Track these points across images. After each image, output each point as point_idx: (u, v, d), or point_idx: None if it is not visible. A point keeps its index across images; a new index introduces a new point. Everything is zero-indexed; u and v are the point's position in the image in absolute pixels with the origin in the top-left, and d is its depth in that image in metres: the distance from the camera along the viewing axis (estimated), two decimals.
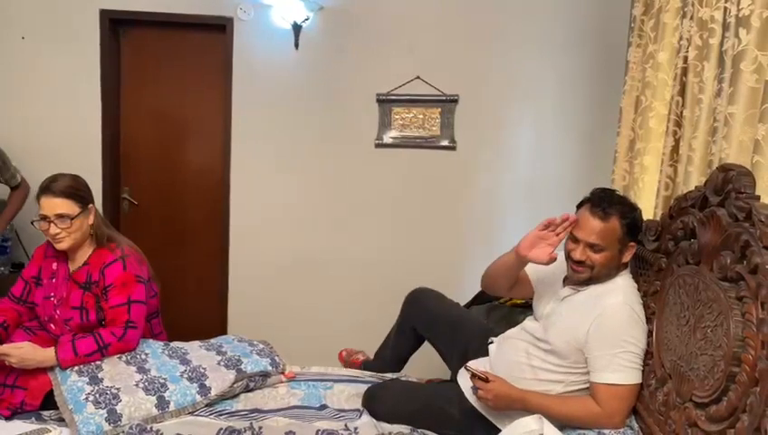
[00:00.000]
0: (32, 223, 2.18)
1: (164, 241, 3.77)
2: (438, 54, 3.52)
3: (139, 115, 3.74)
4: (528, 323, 2.12)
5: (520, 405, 1.87)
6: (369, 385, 2.26)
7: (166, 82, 3.71)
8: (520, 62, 3.52)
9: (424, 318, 2.44)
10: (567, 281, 2.01)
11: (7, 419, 1.96)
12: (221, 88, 3.60)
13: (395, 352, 2.53)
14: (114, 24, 3.60)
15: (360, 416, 2.11)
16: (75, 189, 2.16)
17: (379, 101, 3.54)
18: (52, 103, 3.59)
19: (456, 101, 3.52)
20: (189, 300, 3.81)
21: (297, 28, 3.47)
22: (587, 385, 1.88)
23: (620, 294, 1.88)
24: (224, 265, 3.73)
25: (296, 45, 3.51)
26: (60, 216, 2.11)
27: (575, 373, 1.90)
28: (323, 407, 2.17)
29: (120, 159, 3.75)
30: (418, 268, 3.63)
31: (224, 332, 3.66)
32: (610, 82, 3.26)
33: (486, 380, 1.88)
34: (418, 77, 3.51)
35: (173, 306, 3.35)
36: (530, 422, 1.74)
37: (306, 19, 3.45)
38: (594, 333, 1.83)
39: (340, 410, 2.15)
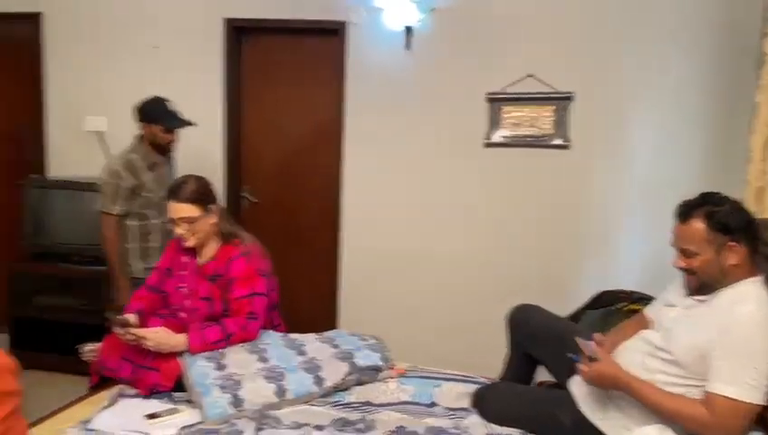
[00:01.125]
0: (162, 222, 2.38)
1: (280, 238, 3.95)
2: (552, 52, 3.44)
3: (259, 118, 3.94)
4: (647, 333, 2.03)
5: (625, 387, 1.81)
6: (479, 386, 2.26)
7: (283, 86, 3.89)
8: (640, 58, 3.36)
9: (529, 336, 2.38)
10: (688, 291, 1.91)
11: (145, 397, 2.14)
12: (335, 90, 3.72)
13: (518, 380, 2.49)
14: (237, 31, 3.82)
15: (469, 416, 2.11)
16: (198, 194, 2.33)
17: (489, 100, 3.51)
18: (179, 108, 3.86)
19: (570, 99, 3.42)
20: (302, 294, 3.97)
21: (409, 30, 3.51)
22: None
23: (751, 302, 1.75)
24: (335, 262, 3.85)
25: (407, 47, 3.56)
26: (184, 218, 2.30)
27: (698, 386, 1.79)
28: (433, 404, 2.19)
29: (240, 159, 3.98)
30: (529, 271, 3.57)
31: (333, 326, 3.78)
32: (740, 78, 3.05)
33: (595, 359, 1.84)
34: (531, 75, 3.44)
35: (286, 300, 3.48)
36: (651, 433, 1.66)
37: (418, 21, 3.49)
38: (721, 340, 1.71)
39: (449, 409, 2.16)
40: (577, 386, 2.02)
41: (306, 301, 3.97)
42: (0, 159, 4.14)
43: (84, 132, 3.97)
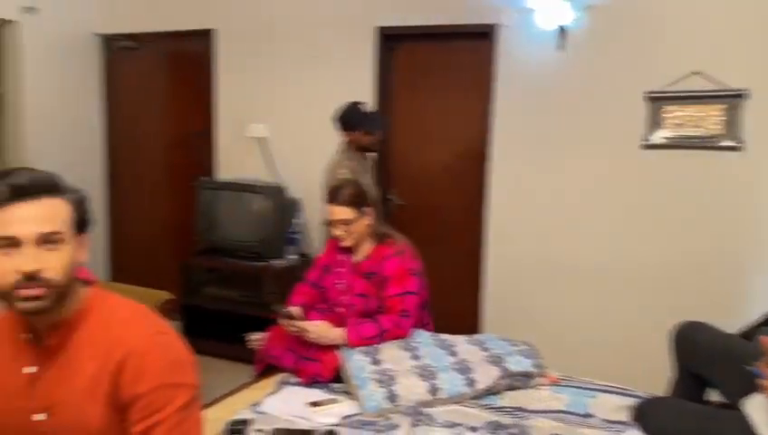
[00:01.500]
0: (322, 223, 2.53)
1: (425, 240, 3.98)
2: (721, 47, 3.18)
3: (407, 122, 4.03)
4: None
5: None
6: (639, 399, 2.15)
7: (431, 90, 3.95)
8: None
9: (698, 355, 2.22)
10: None
11: (306, 385, 2.28)
12: (483, 93, 3.71)
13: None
14: (388, 39, 3.94)
15: (628, 429, 2.02)
16: (354, 197, 2.46)
17: (648, 99, 3.33)
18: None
19: (743, 96, 3.15)
20: (446, 296, 3.99)
21: (562, 30, 3.43)
22: None
23: None
24: (481, 264, 3.84)
25: (560, 47, 3.47)
26: (341, 220, 2.43)
27: None
28: (588, 415, 2.12)
29: (388, 162, 4.10)
30: (689, 283, 3.33)
31: (477, 329, 3.77)
32: None
33: None
34: (697, 72, 3.21)
35: (431, 301, 3.55)
36: None
37: (572, 20, 3.39)
38: None
39: (606, 421, 2.08)
40: (756, 409, 1.85)
41: (449, 303, 3.99)
42: (175, 162, 4.61)
43: (248, 138, 4.29)
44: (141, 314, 1.26)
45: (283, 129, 4.23)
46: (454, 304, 3.98)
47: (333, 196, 2.46)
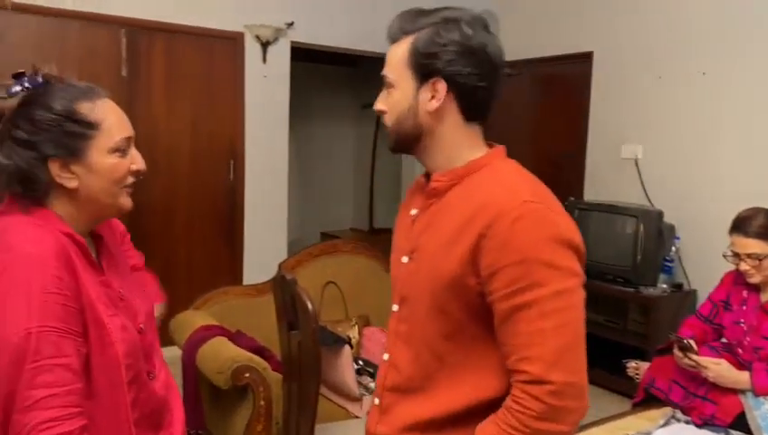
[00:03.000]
0: (723, 256, 2.31)
1: None
2: None
3: None
4: None
5: None
6: None
7: None
8: None
9: None
10: None
11: (698, 426, 2.13)
12: None
13: None
14: None
15: None
16: (767, 229, 2.18)
17: None
18: None
19: None
20: None
21: None
22: None
23: None
24: None
25: None
26: (750, 255, 2.18)
27: None
28: None
29: None
30: None
31: None
32: None
33: None
34: None
35: None
36: None
37: None
38: None
39: None
40: None
41: None
42: (545, 180, 4.73)
43: (620, 159, 4.21)
44: (529, 180, 1.10)
45: (658, 149, 4.03)
46: None
47: (743, 226, 2.24)
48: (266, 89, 4.20)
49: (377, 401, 1.20)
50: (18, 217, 1.07)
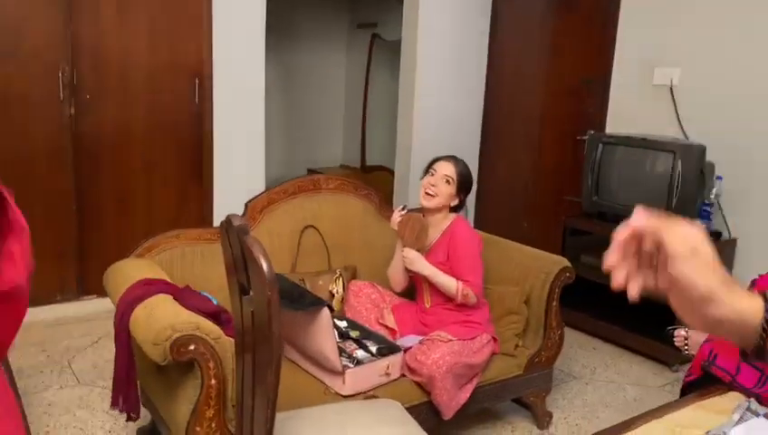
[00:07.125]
0: None
1: None
2: None
3: None
4: None
5: None
6: None
7: None
8: None
9: None
10: None
11: None
12: None
13: None
14: None
15: None
16: None
17: None
18: None
19: None
20: None
21: None
22: None
23: None
24: None
25: None
26: None
27: None
28: None
29: None
30: None
31: None
32: None
33: None
34: None
35: None
36: None
37: None
38: None
39: None
40: None
41: None
42: (561, 112, 4.13)
43: (651, 86, 3.61)
44: None
45: (697, 74, 3.43)
46: None
47: None
48: None
49: None
50: None
